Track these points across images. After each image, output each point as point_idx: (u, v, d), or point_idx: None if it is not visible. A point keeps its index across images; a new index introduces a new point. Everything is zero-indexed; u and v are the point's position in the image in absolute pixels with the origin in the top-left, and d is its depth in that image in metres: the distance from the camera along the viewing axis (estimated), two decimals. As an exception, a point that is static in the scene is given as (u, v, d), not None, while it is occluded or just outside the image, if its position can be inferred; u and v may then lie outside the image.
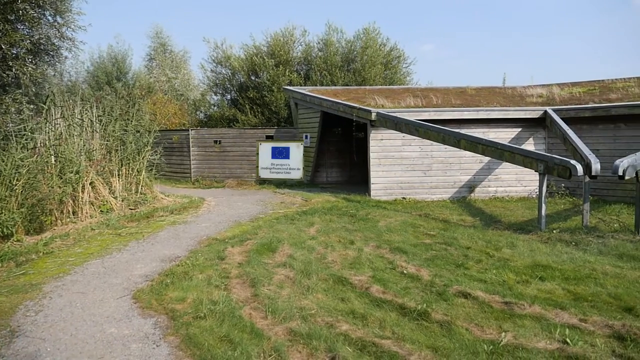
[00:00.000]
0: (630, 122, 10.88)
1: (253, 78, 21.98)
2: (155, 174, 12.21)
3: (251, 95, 21.09)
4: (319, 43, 22.75)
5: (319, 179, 15.92)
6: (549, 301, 4.63)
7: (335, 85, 19.72)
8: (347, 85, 20.03)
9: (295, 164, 15.33)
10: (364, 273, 5.64)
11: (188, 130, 16.92)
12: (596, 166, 7.82)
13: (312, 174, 15.38)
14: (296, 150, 15.26)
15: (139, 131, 11.53)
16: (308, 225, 8.50)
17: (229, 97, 23.67)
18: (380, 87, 18.68)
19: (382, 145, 11.88)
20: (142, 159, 11.21)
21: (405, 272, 5.68)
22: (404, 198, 11.76)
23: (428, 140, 10.86)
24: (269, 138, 16.02)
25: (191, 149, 16.65)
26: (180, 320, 4.33)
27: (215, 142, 16.46)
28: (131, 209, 10.03)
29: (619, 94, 12.43)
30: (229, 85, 23.33)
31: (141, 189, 11.05)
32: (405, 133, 11.05)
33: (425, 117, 11.57)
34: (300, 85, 19.72)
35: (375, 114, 11.48)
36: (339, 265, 6.00)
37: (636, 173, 6.87)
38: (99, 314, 4.60)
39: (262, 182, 15.54)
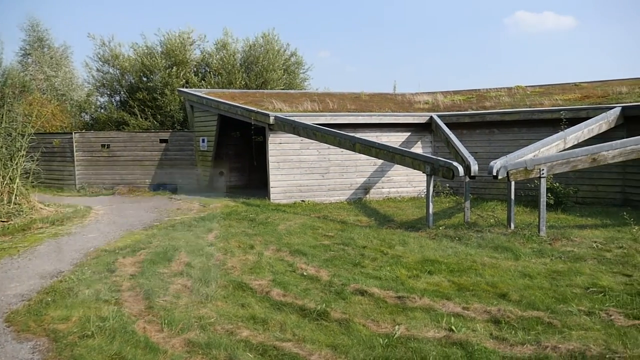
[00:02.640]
0: (502, 127, 12.15)
1: (145, 79, 20.86)
2: (32, 182, 11.06)
3: (142, 97, 19.99)
4: (216, 44, 22.28)
5: (217, 183, 15.56)
6: (436, 293, 4.99)
7: (233, 88, 19.45)
8: (247, 89, 19.88)
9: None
10: (265, 277, 5.63)
11: (71, 133, 15.57)
12: (474, 167, 8.59)
13: (210, 179, 14.99)
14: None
15: (10, 134, 10.37)
16: (206, 231, 8.27)
17: (117, 98, 22.20)
18: (278, 90, 18.78)
19: (280, 149, 11.94)
20: (16, 165, 10.09)
21: (305, 273, 5.76)
22: (303, 201, 11.94)
23: (325, 144, 11.14)
24: (163, 142, 15.32)
25: (75, 154, 15.34)
26: (64, 341, 3.96)
27: (104, 146, 15.34)
28: (3, 222, 8.98)
29: (492, 102, 13.80)
30: (117, 86, 21.87)
31: (15, 198, 9.93)
32: (303, 137, 11.24)
33: (322, 121, 11.86)
34: (197, 88, 19.14)
35: (273, 117, 11.52)
36: (238, 270, 5.92)
37: (507, 173, 7.67)
38: (-36, 342, 4.05)
39: (157, 187, 14.81)
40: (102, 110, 22.27)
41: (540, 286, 5.14)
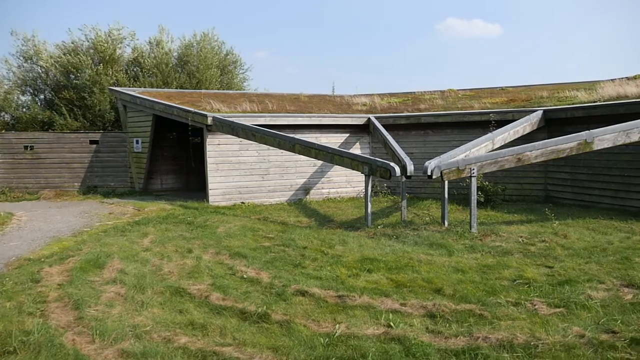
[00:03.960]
0: (436, 128, 12.64)
1: (72, 77, 19.72)
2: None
3: (70, 96, 18.89)
4: (150, 43, 21.46)
5: (153, 186, 15.02)
6: (375, 291, 5.11)
7: (168, 88, 18.86)
8: (182, 88, 19.32)
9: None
10: (203, 281, 5.50)
11: (-11, 134, 14.44)
12: (410, 167, 8.88)
13: (144, 181, 14.44)
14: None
15: None
16: (141, 236, 7.96)
17: (42, 97, 20.82)
18: (216, 91, 18.43)
19: (219, 150, 11.73)
20: None
21: (245, 276, 5.70)
22: (243, 203, 11.79)
23: (265, 145, 11.07)
24: (94, 143, 14.57)
25: (-6, 156, 14.23)
26: (-18, 359, 3.67)
27: (27, 147, 14.34)
28: None
29: (426, 104, 14.32)
30: (42, 85, 20.52)
31: None
32: (242, 138, 11.10)
33: (261, 122, 11.78)
34: (130, 87, 18.36)
35: (211, 118, 11.29)
36: (176, 275, 5.75)
37: (441, 173, 7.99)
38: None
39: (88, 191, 14.06)
40: (24, 110, 20.78)
41: (472, 280, 5.39)
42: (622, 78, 13.31)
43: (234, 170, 11.87)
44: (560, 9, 59.21)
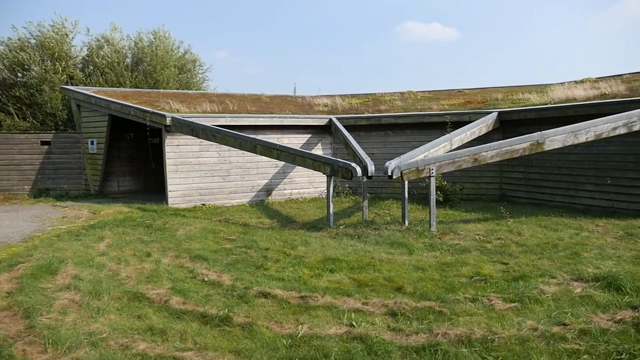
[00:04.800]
0: (396, 129, 12.85)
1: (20, 75, 18.84)
2: None
3: (18, 94, 18.04)
4: (100, 40, 20.75)
5: (110, 188, 14.56)
6: (338, 290, 5.13)
7: (124, 87, 18.32)
8: (138, 88, 18.81)
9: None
10: (163, 286, 5.38)
11: None
12: (371, 168, 8.98)
13: (100, 184, 13.97)
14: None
15: None
16: (97, 240, 7.70)
17: (-13, 96, 19.78)
18: (175, 91, 18.05)
19: (178, 151, 11.50)
20: None
21: (206, 279, 5.61)
22: (203, 204, 11.60)
23: (226, 146, 10.94)
24: (45, 144, 13.97)
25: None
26: None
27: (-29, 149, 13.60)
28: None
29: (387, 105, 14.54)
30: (-14, 82, 19.50)
31: None
32: (202, 139, 10.93)
33: (222, 122, 11.64)
34: (83, 85, 17.72)
35: (170, 118, 11.05)
36: (134, 280, 5.59)
37: (401, 173, 8.13)
38: None
39: (39, 194, 13.46)
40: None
41: (432, 278, 5.51)
42: (571, 82, 13.95)
43: (194, 171, 11.67)
44: (514, 15, 61.48)
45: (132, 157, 15.19)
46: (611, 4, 61.12)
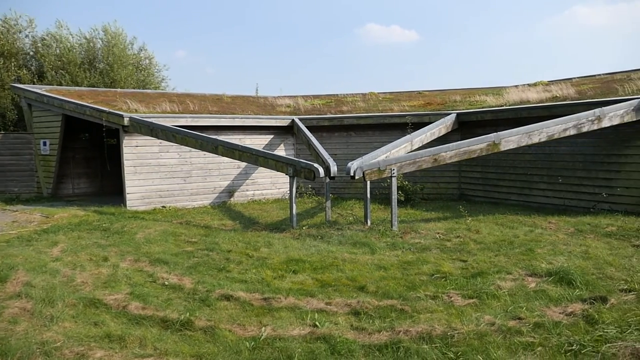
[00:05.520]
0: (358, 130, 12.98)
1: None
2: None
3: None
4: (49, 37, 19.95)
5: (64, 191, 14.01)
6: (301, 291, 5.13)
7: (79, 86, 17.69)
8: (94, 87, 18.21)
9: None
10: (121, 291, 5.22)
11: None
12: (334, 168, 9.03)
13: (54, 186, 13.43)
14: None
15: None
16: (50, 245, 7.39)
17: None
18: (133, 90, 17.58)
19: (137, 152, 11.20)
20: None
21: (167, 283, 5.49)
22: (163, 207, 11.35)
23: (187, 147, 10.75)
24: (-6, 145, 13.30)
25: None
26: None
27: None
28: None
29: (349, 106, 14.66)
30: None
31: None
32: (162, 139, 10.69)
33: (182, 123, 11.42)
34: (33, 84, 16.99)
35: (128, 119, 10.75)
36: (90, 286, 5.40)
37: (363, 173, 8.21)
38: None
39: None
40: None
41: (394, 276, 5.59)
42: (525, 85, 14.49)
43: (154, 173, 11.40)
44: (471, 19, 63.25)
45: (88, 158, 14.67)
46: (561, 10, 63.90)
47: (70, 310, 4.63)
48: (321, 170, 8.49)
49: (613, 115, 8.60)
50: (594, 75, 13.95)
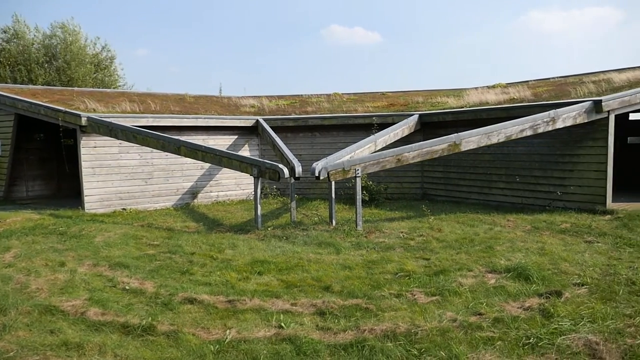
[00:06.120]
0: (323, 131, 13.01)
1: None
2: None
3: None
4: (5, 33, 19.13)
5: (17, 194, 13.40)
6: (266, 293, 5.11)
7: (34, 84, 16.98)
8: (51, 86, 17.53)
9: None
10: (79, 297, 5.05)
11: None
12: (299, 169, 9.03)
13: (6, 189, 12.84)
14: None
15: None
16: (2, 250, 7.06)
17: None
18: (91, 89, 17.02)
19: (95, 153, 10.85)
20: None
21: (127, 287, 5.34)
22: (124, 209, 11.04)
23: (148, 148, 10.50)
24: (-61, 146, 12.59)
25: None
26: None
27: None
28: None
29: (313, 107, 14.69)
30: None
31: None
32: (122, 140, 10.40)
33: (143, 123, 11.14)
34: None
35: (85, 118, 10.41)
36: (46, 292, 5.19)
37: (328, 174, 8.24)
38: None
39: None
40: None
41: (359, 276, 5.64)
42: (484, 87, 14.91)
43: (114, 174, 11.07)
44: (433, 22, 64.58)
45: (43, 159, 14.10)
46: (517, 15, 66.16)
47: (24, 319, 4.44)
48: (286, 171, 8.47)
49: (566, 117, 8.96)
50: (549, 78, 14.52)
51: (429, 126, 12.10)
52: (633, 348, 3.56)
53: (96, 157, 10.86)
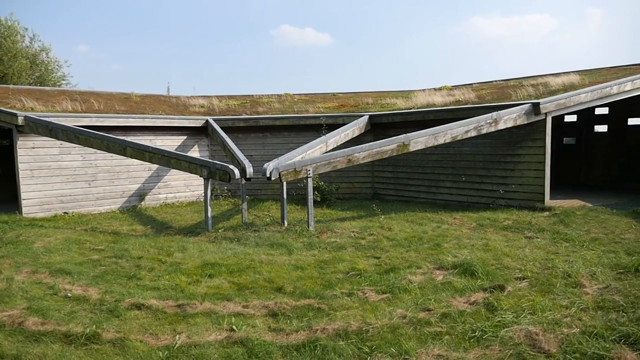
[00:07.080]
0: (274, 131, 12.96)
1: None
2: None
3: None
4: None
5: (-55, 198, 12.50)
6: (217, 296, 5.02)
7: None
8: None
9: None
10: (16, 306, 4.77)
11: None
12: (250, 170, 8.95)
13: None
14: None
15: None
16: None
17: None
18: (29, 87, 16.13)
19: (34, 155, 10.29)
20: None
21: (70, 295, 5.10)
22: (66, 213, 10.54)
23: (91, 148, 10.07)
24: None
25: None
26: None
27: None
28: None
29: (264, 107, 14.60)
30: None
31: None
32: (63, 140, 9.92)
33: (86, 123, 10.68)
34: None
35: (22, 118, 9.84)
36: (-21, 303, 4.87)
37: (279, 174, 8.22)
38: None
39: None
40: None
41: (311, 276, 5.66)
42: (431, 89, 15.36)
43: (54, 176, 10.54)
44: (382, 25, 65.82)
45: (-26, 161, 13.22)
46: (460, 22, 68.64)
47: (-46, 332, 4.15)
48: (237, 172, 8.37)
49: (507, 119, 9.39)
50: (491, 81, 15.17)
51: (379, 127, 12.32)
52: (569, 337, 3.77)
53: (34, 158, 10.30)
